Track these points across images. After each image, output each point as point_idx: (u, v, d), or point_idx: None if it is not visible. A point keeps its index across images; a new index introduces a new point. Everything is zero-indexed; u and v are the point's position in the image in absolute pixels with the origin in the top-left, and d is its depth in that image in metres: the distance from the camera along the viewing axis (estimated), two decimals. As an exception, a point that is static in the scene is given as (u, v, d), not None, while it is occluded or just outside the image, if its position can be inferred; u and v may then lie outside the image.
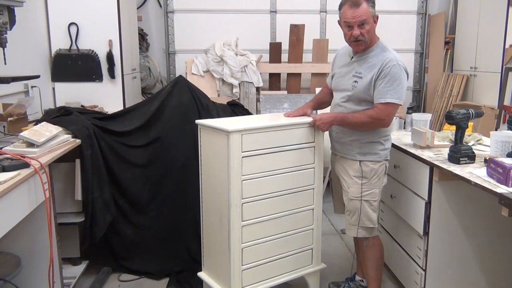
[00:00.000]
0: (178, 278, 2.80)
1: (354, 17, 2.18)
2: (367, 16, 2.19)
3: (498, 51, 4.11)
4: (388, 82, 2.17)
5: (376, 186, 2.33)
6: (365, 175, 2.30)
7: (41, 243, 2.18)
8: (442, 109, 4.73)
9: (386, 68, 2.17)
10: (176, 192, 2.94)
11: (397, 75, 2.16)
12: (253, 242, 2.30)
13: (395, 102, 2.18)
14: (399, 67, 2.17)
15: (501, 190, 1.72)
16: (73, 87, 3.70)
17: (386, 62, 2.18)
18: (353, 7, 2.18)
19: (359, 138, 2.31)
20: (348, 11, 2.19)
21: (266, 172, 2.27)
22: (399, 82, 2.17)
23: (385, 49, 2.25)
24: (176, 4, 4.86)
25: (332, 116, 2.32)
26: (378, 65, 2.20)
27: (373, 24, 2.23)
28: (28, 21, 3.33)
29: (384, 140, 2.32)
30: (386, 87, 2.17)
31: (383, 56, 2.21)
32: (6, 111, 2.67)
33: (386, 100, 2.17)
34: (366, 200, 2.32)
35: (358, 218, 2.34)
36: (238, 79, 4.36)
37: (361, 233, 2.36)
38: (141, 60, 4.58)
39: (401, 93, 2.19)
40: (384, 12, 4.95)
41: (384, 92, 2.17)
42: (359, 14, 2.17)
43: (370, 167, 2.30)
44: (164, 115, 2.99)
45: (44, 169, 2.05)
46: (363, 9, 2.18)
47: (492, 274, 2.34)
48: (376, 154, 2.31)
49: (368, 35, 2.21)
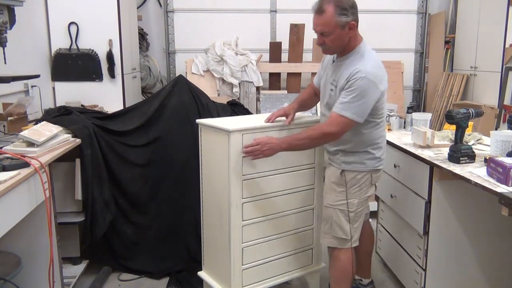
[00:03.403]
0: (178, 278, 2.80)
1: (315, 25, 2.04)
2: (328, 28, 2.00)
3: (498, 50, 4.11)
4: (350, 95, 1.99)
5: (355, 196, 2.19)
6: (345, 184, 2.18)
7: (41, 243, 2.19)
8: (442, 108, 4.73)
9: (352, 80, 2.00)
10: (176, 192, 2.94)
11: (362, 89, 1.97)
12: (253, 242, 2.31)
13: (350, 118, 2.00)
14: (367, 81, 1.97)
15: (501, 190, 1.72)
16: (73, 87, 3.69)
17: (354, 73, 2.00)
18: (316, 14, 2.03)
19: (342, 148, 2.18)
20: (313, 16, 2.04)
21: (266, 172, 2.28)
22: (361, 97, 1.98)
23: (362, 57, 2.05)
24: (176, 4, 4.86)
25: (280, 142, 2.10)
26: (348, 74, 2.03)
27: (341, 33, 2.02)
28: (28, 20, 3.33)
29: (373, 149, 2.17)
30: (347, 100, 2.00)
31: (355, 65, 2.02)
32: (6, 111, 2.67)
33: (341, 113, 2.00)
34: (341, 209, 2.20)
35: (331, 227, 2.23)
36: (238, 79, 4.36)
37: (332, 243, 2.25)
38: (141, 59, 4.58)
39: (361, 110, 2.00)
40: (384, 11, 5.00)
41: (343, 104, 2.00)
42: (320, 23, 2.02)
43: (352, 176, 2.17)
44: (164, 114, 2.99)
45: (44, 168, 2.05)
46: (325, 18, 1.99)
47: (492, 274, 2.34)
48: (362, 163, 2.17)
49: (333, 44, 2.05)
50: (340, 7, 1.98)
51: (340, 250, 2.24)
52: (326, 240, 2.28)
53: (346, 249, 2.24)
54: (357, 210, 2.21)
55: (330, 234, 2.25)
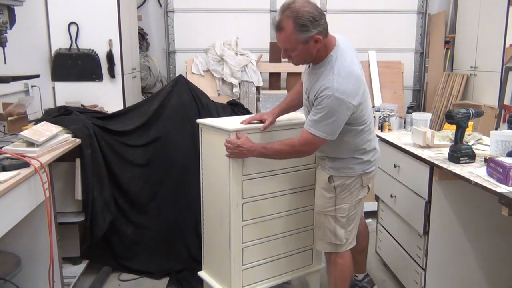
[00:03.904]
0: (178, 278, 2.80)
1: (277, 42, 1.96)
2: (289, 45, 1.91)
3: (498, 50, 4.11)
4: (319, 113, 1.91)
5: (345, 201, 2.13)
6: (335, 189, 2.12)
7: (41, 243, 2.19)
8: (442, 108, 4.73)
9: (319, 97, 1.90)
10: (176, 192, 2.94)
11: (330, 108, 1.87)
12: (253, 242, 2.31)
13: (320, 137, 1.93)
14: (335, 99, 1.86)
15: (501, 190, 1.72)
16: (73, 87, 3.70)
17: (321, 90, 1.89)
18: (276, 31, 1.92)
19: (328, 155, 2.13)
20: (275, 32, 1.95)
21: (266, 171, 2.27)
22: (330, 116, 1.88)
23: (332, 69, 1.91)
24: (176, 4, 4.86)
25: (252, 148, 2.06)
26: (317, 89, 1.93)
27: (305, 48, 1.90)
28: (28, 20, 3.32)
29: (359, 154, 2.09)
30: (316, 118, 1.92)
31: (324, 79, 1.91)
32: (6, 111, 2.67)
33: (311, 131, 1.93)
34: (333, 215, 2.14)
35: (324, 234, 2.19)
36: (238, 79, 4.36)
37: (327, 248, 2.21)
38: (141, 59, 4.58)
39: (331, 128, 1.92)
40: (384, 11, 5.00)
41: (313, 122, 1.93)
42: (281, 40, 1.93)
43: (340, 182, 2.11)
44: (164, 114, 2.99)
45: (44, 168, 2.05)
46: (285, 35, 1.88)
47: (492, 273, 2.33)
48: (350, 169, 2.10)
49: (298, 58, 1.97)
50: (299, 24, 1.84)
51: (336, 254, 2.21)
52: (321, 246, 2.25)
53: (342, 253, 2.20)
54: (349, 214, 2.15)
55: (324, 240, 2.20)
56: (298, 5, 1.87)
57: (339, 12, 4.88)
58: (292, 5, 1.87)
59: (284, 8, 1.89)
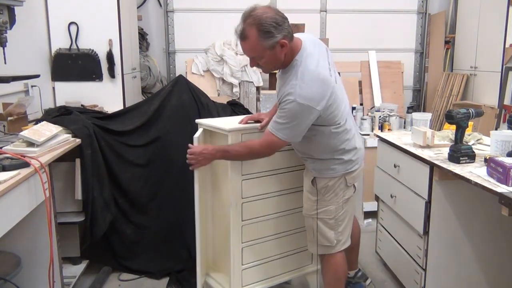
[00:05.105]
0: (178, 278, 2.80)
1: (243, 50, 1.95)
2: (255, 53, 1.90)
3: (498, 50, 4.11)
4: (281, 117, 1.91)
5: (332, 202, 2.11)
6: (319, 192, 2.11)
7: (41, 243, 2.19)
8: (442, 108, 4.73)
9: (283, 102, 1.90)
10: (176, 192, 2.94)
11: (292, 113, 1.87)
12: (253, 242, 2.31)
13: (282, 139, 1.93)
14: (297, 105, 1.85)
15: (501, 190, 1.72)
16: (73, 87, 3.70)
17: (285, 95, 1.89)
18: (240, 40, 1.91)
19: (309, 156, 2.11)
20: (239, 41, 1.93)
21: (266, 171, 2.27)
22: (291, 120, 1.89)
23: (296, 74, 1.91)
24: (176, 4, 4.86)
25: (214, 151, 2.09)
26: (281, 94, 1.94)
27: (271, 54, 1.89)
28: (28, 20, 3.33)
29: (339, 155, 2.07)
30: (279, 121, 1.92)
31: (289, 84, 1.91)
32: (6, 111, 2.67)
33: (273, 132, 1.93)
34: (319, 218, 2.14)
35: (314, 237, 2.18)
36: (238, 79, 4.36)
37: (320, 250, 2.20)
38: (141, 59, 4.58)
39: (293, 132, 1.92)
40: (384, 11, 5.01)
41: (276, 124, 1.93)
42: (246, 49, 1.92)
43: (323, 183, 2.10)
44: (164, 114, 2.99)
45: (44, 168, 2.05)
46: (250, 44, 1.87)
47: (492, 274, 2.33)
48: (331, 169, 2.08)
49: (267, 65, 1.96)
50: (263, 31, 1.84)
51: (329, 255, 2.20)
52: (313, 249, 2.23)
53: (335, 253, 2.19)
54: (337, 215, 2.14)
55: (315, 243, 2.20)
56: (260, 12, 1.85)
57: (339, 12, 4.89)
58: (253, 12, 1.86)
59: (246, 16, 1.87)
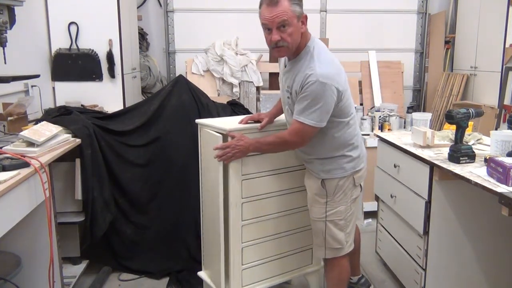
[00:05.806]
0: (178, 278, 2.80)
1: (271, 18, 1.86)
2: (287, 16, 1.85)
3: (498, 50, 4.11)
4: (306, 101, 1.89)
5: (341, 203, 2.11)
6: (329, 193, 2.10)
7: (41, 243, 2.19)
8: (442, 108, 4.73)
9: (305, 85, 1.88)
10: (176, 192, 2.94)
11: (316, 93, 1.86)
12: (253, 242, 2.30)
13: (310, 125, 1.91)
14: (321, 84, 1.85)
15: (501, 190, 1.72)
16: (73, 87, 3.70)
17: (306, 78, 1.88)
18: (270, 6, 1.86)
19: (318, 156, 2.09)
20: (265, 10, 1.88)
21: (266, 171, 2.27)
22: (317, 102, 1.87)
23: (312, 58, 1.92)
24: (176, 4, 4.86)
25: (247, 144, 2.06)
26: (301, 79, 1.91)
27: (297, 26, 1.89)
28: (28, 20, 3.33)
29: (349, 151, 2.08)
30: (303, 106, 1.90)
31: (307, 68, 1.90)
32: (6, 111, 2.67)
33: (300, 120, 1.91)
34: (330, 220, 2.12)
35: (324, 240, 2.15)
36: (238, 79, 4.36)
37: (329, 254, 2.18)
38: (141, 59, 4.58)
39: (320, 114, 1.89)
40: (384, 11, 5.00)
41: (301, 111, 1.91)
42: (278, 14, 1.84)
43: (333, 184, 2.09)
44: (164, 114, 2.99)
45: (44, 168, 2.05)
46: (282, 8, 1.84)
47: (492, 274, 2.34)
48: (341, 168, 2.08)
49: (291, 39, 1.89)
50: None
51: (335, 258, 2.19)
52: (321, 253, 2.21)
53: (339, 258, 2.19)
54: (346, 215, 2.14)
55: (324, 247, 2.18)
56: None
57: (339, 12, 4.89)
58: None
59: None
